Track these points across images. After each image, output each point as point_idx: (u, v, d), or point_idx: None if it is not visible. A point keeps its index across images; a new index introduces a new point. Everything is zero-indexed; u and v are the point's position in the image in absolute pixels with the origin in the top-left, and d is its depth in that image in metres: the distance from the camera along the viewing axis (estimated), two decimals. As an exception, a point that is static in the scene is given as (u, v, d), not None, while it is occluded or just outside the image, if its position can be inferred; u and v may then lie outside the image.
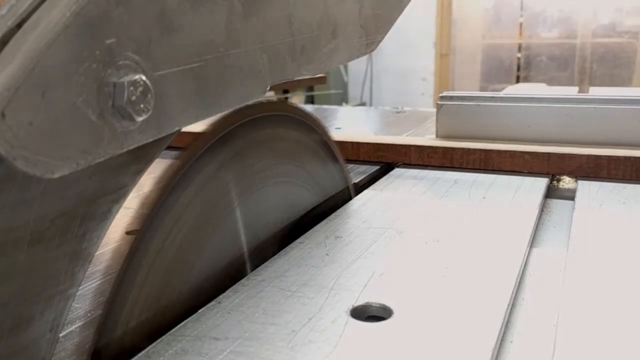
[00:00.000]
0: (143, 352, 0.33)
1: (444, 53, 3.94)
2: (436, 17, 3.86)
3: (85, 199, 0.29)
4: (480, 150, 0.74)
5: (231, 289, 0.40)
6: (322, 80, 2.73)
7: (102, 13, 0.24)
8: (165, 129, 0.28)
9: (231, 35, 0.32)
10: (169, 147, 0.33)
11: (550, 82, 3.59)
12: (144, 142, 0.27)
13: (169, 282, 0.37)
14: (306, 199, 0.54)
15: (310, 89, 3.38)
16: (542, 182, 0.66)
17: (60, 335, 0.31)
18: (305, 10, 0.40)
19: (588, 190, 0.63)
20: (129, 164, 0.30)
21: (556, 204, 0.64)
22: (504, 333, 0.36)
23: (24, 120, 0.21)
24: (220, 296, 0.39)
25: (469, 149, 0.75)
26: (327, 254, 0.46)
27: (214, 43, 0.31)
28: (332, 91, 3.67)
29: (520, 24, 3.83)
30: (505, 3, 3.85)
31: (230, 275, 0.42)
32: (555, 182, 0.70)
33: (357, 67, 3.92)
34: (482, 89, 3.92)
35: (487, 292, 0.39)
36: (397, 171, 0.73)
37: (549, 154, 0.71)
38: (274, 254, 0.46)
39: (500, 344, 0.35)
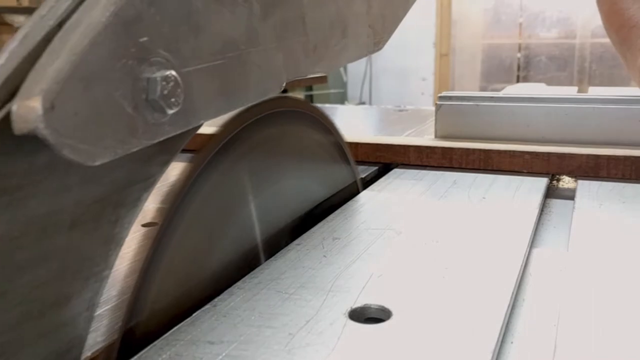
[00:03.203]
0: (136, 356, 0.32)
1: (444, 53, 3.94)
2: (436, 17, 3.85)
3: (118, 187, 0.31)
4: (480, 150, 0.74)
5: (226, 291, 0.40)
6: (322, 80, 2.73)
7: (136, 14, 0.26)
8: (192, 121, 0.30)
9: (250, 35, 0.34)
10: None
11: (550, 81, 3.59)
12: (173, 134, 0.29)
13: (191, 268, 0.38)
14: (317, 192, 0.56)
15: (310, 88, 3.39)
16: (541, 182, 0.66)
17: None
18: (318, 11, 0.42)
19: (588, 190, 0.62)
20: (156, 155, 0.32)
21: (556, 203, 0.64)
22: (504, 334, 0.36)
23: (70, 111, 0.23)
24: (216, 299, 0.39)
25: (468, 149, 0.74)
26: (324, 256, 0.45)
27: (235, 42, 0.33)
28: (332, 90, 3.67)
29: (520, 24, 3.83)
30: (505, 3, 3.85)
31: (246, 263, 0.44)
32: (555, 181, 0.69)
33: (356, 66, 3.92)
34: (482, 89, 3.92)
35: (487, 293, 0.39)
36: (395, 171, 0.73)
37: (548, 154, 0.71)
38: (286, 244, 0.47)
39: (501, 345, 0.35)
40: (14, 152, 0.24)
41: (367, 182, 0.70)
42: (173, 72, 0.28)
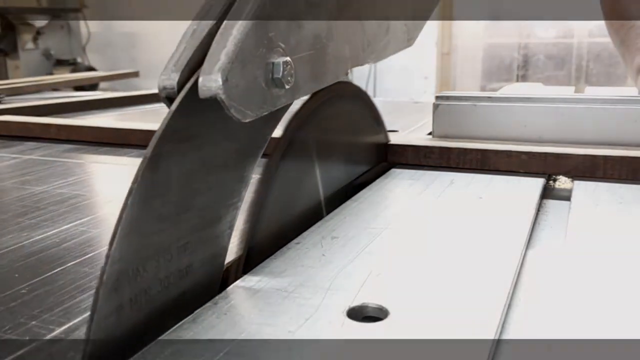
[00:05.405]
0: (139, 353, 0.33)
1: (446, 52, 3.95)
2: (438, 17, 3.86)
3: (246, 143, 0.41)
4: (477, 150, 0.74)
5: (227, 289, 0.40)
6: (341, 76, 2.76)
7: (267, 15, 0.35)
8: (296, 96, 0.40)
9: (329, 32, 0.44)
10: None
11: (548, 80, 3.61)
12: (284, 104, 0.38)
13: (282, 214, 0.50)
14: (360, 165, 0.69)
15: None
16: (538, 182, 0.66)
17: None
18: (370, 13, 0.53)
19: (584, 191, 0.63)
20: (268, 121, 0.42)
21: (552, 204, 0.65)
22: (500, 334, 0.37)
23: (234, 83, 0.33)
24: (216, 297, 0.39)
25: (465, 149, 0.75)
26: (323, 255, 0.46)
27: (320, 37, 0.43)
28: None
29: (519, 24, 3.84)
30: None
31: (314, 214, 0.55)
32: (551, 182, 0.70)
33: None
34: (483, 88, 3.93)
35: (483, 293, 0.39)
36: (393, 171, 0.73)
37: (545, 154, 0.71)
38: (339, 204, 0.59)
39: (497, 344, 0.35)
40: (195, 110, 0.34)
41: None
42: (288, 58, 0.37)
